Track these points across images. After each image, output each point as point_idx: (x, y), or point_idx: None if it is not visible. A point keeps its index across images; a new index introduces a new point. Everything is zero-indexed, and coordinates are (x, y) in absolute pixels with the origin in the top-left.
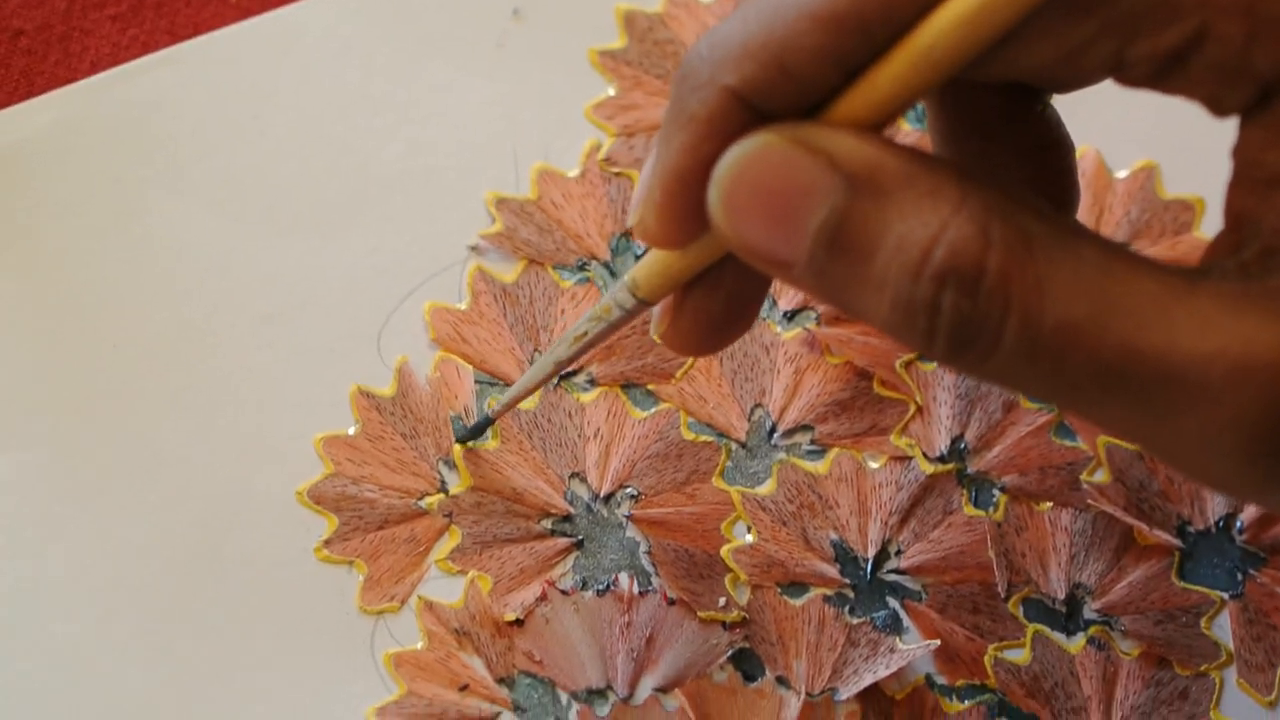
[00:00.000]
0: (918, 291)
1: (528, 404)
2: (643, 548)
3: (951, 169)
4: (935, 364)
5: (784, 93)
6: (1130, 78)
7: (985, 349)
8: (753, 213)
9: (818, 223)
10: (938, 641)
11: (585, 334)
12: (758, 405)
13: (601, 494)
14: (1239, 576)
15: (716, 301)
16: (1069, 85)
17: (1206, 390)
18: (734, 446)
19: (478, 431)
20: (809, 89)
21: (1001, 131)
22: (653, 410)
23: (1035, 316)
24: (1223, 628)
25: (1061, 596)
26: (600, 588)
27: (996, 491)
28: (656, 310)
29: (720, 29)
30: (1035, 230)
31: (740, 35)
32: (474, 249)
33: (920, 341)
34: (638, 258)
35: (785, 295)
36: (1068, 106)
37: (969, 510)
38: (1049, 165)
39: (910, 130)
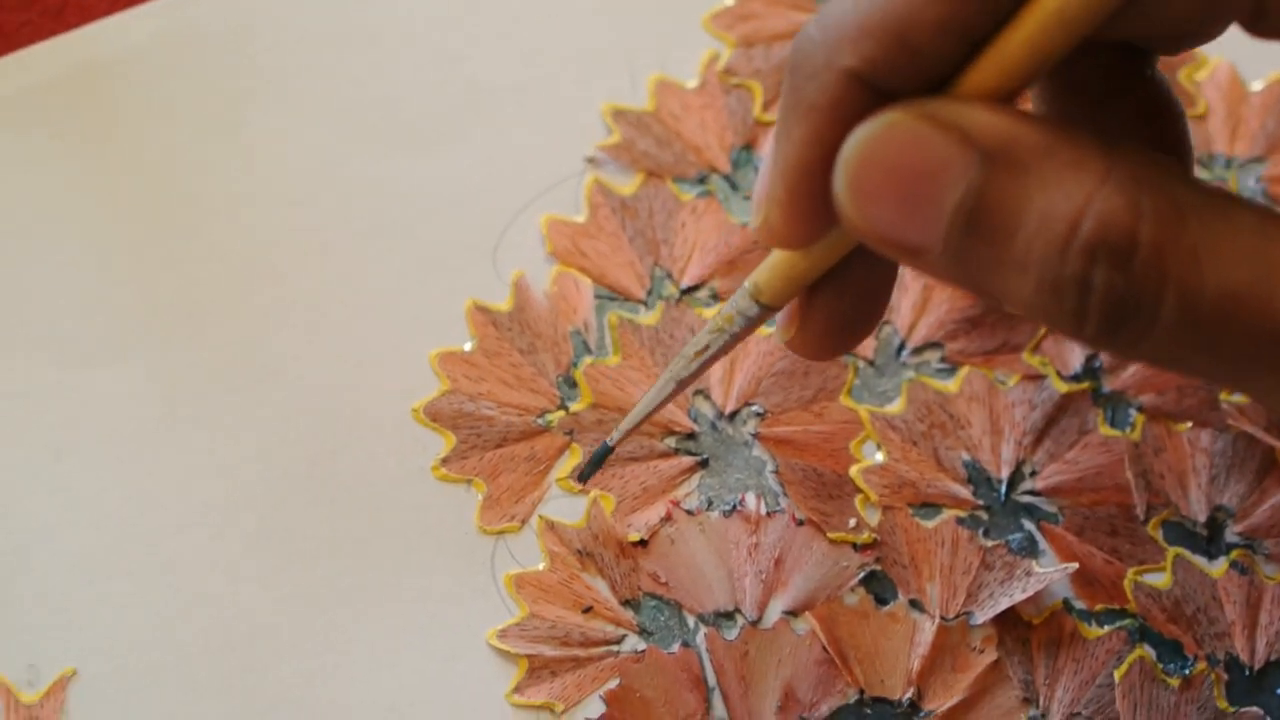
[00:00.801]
0: (1066, 269)
1: (648, 319)
2: (769, 467)
3: (1093, 138)
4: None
5: (907, 70)
6: (1266, 27)
7: (1142, 327)
8: (883, 197)
9: (954, 203)
10: (1075, 565)
11: (707, 347)
12: (885, 322)
13: (726, 412)
14: None
15: (844, 301)
16: (1192, 39)
17: None
18: (861, 364)
19: (597, 463)
20: (933, 64)
21: (1109, 98)
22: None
23: (1194, 288)
24: None
25: (1202, 519)
26: (726, 508)
27: (1133, 411)
28: (781, 316)
29: (830, 9)
30: (1186, 198)
31: (855, 13)
32: (591, 161)
33: (1070, 323)
34: (759, 171)
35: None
36: None
37: (1105, 430)
38: (1160, 131)
39: None
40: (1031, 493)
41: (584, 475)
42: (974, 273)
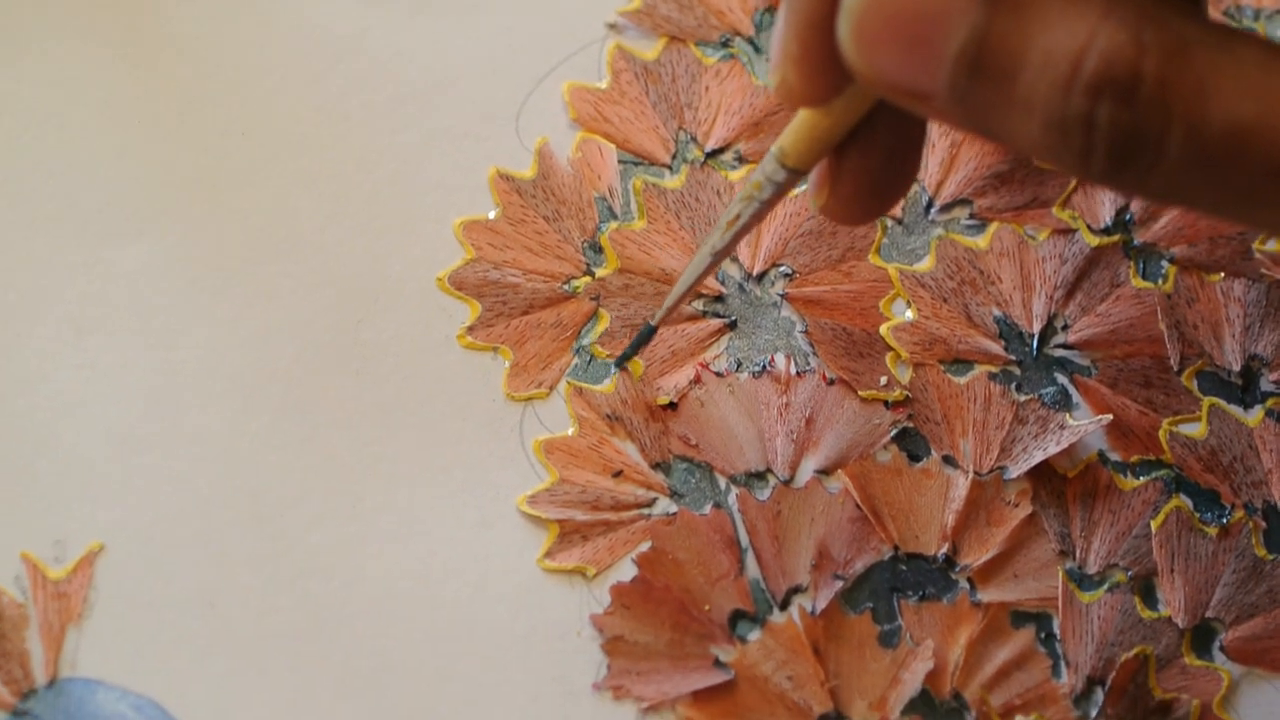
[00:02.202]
0: (1070, 106)
1: (673, 183)
2: (798, 327)
3: None
4: (1092, 185)
5: None
6: None
7: (1149, 162)
8: (887, 42)
9: (957, 45)
10: (1109, 416)
11: (738, 216)
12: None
13: (754, 273)
14: None
15: (874, 160)
16: None
17: None
18: (890, 223)
19: (640, 344)
20: None
21: None
22: (804, 187)
23: (1201, 121)
24: None
25: (1237, 369)
26: (756, 369)
27: (1165, 263)
28: (812, 181)
29: None
30: (1190, 33)
31: None
32: (613, 26)
33: (1076, 162)
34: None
35: None
36: None
37: (1137, 282)
38: None
39: None
40: (1064, 346)
41: (625, 357)
42: (980, 115)
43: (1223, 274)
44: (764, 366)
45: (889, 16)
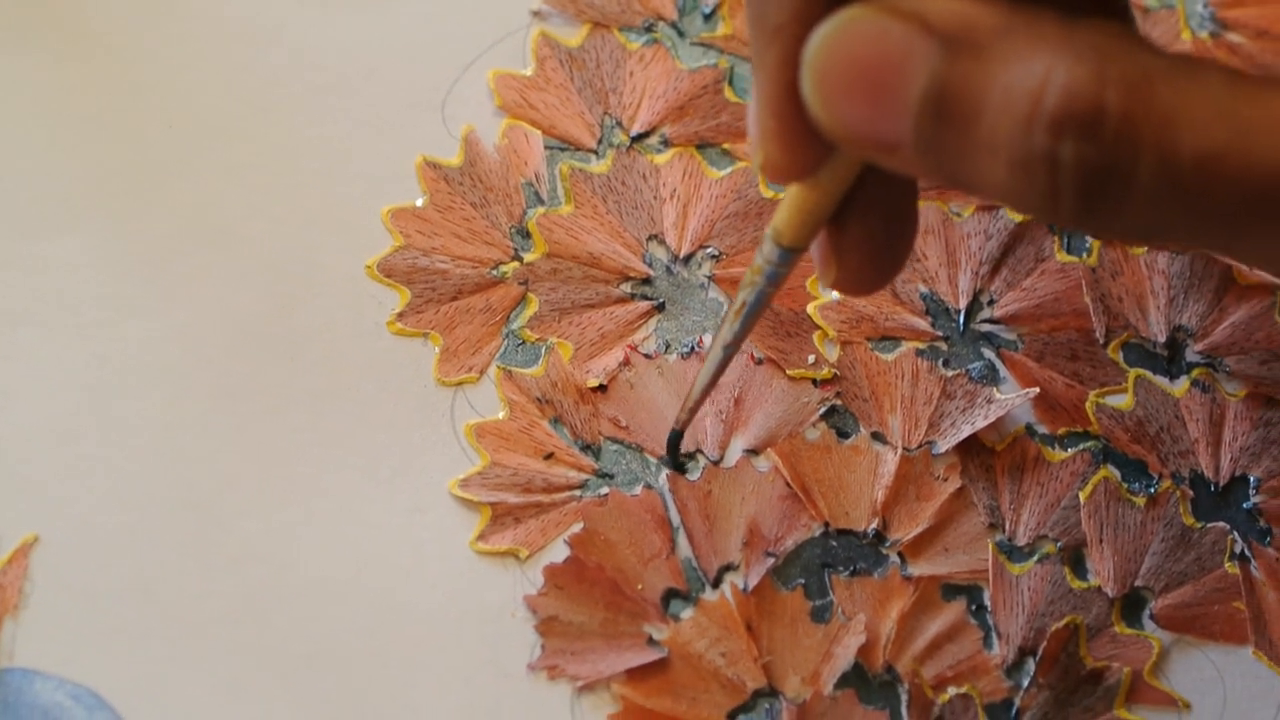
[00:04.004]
0: (1033, 145)
1: (599, 167)
2: (725, 308)
3: (1051, 14)
4: (1066, 229)
5: None
6: None
7: (1118, 197)
8: (850, 93)
9: (919, 92)
10: (1036, 390)
11: (744, 304)
12: None
13: (681, 255)
14: None
15: (872, 225)
16: None
17: None
18: None
19: (674, 448)
20: None
21: None
22: (729, 169)
23: (1171, 151)
24: None
25: (1162, 340)
26: (684, 350)
27: (1088, 236)
28: (817, 260)
29: None
30: (1152, 64)
31: None
32: (536, 14)
33: (1045, 204)
34: (706, 17)
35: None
36: None
37: (1062, 256)
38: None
39: None
40: (990, 321)
41: (669, 463)
42: (947, 163)
43: (1146, 247)
44: (692, 347)
45: (850, 65)
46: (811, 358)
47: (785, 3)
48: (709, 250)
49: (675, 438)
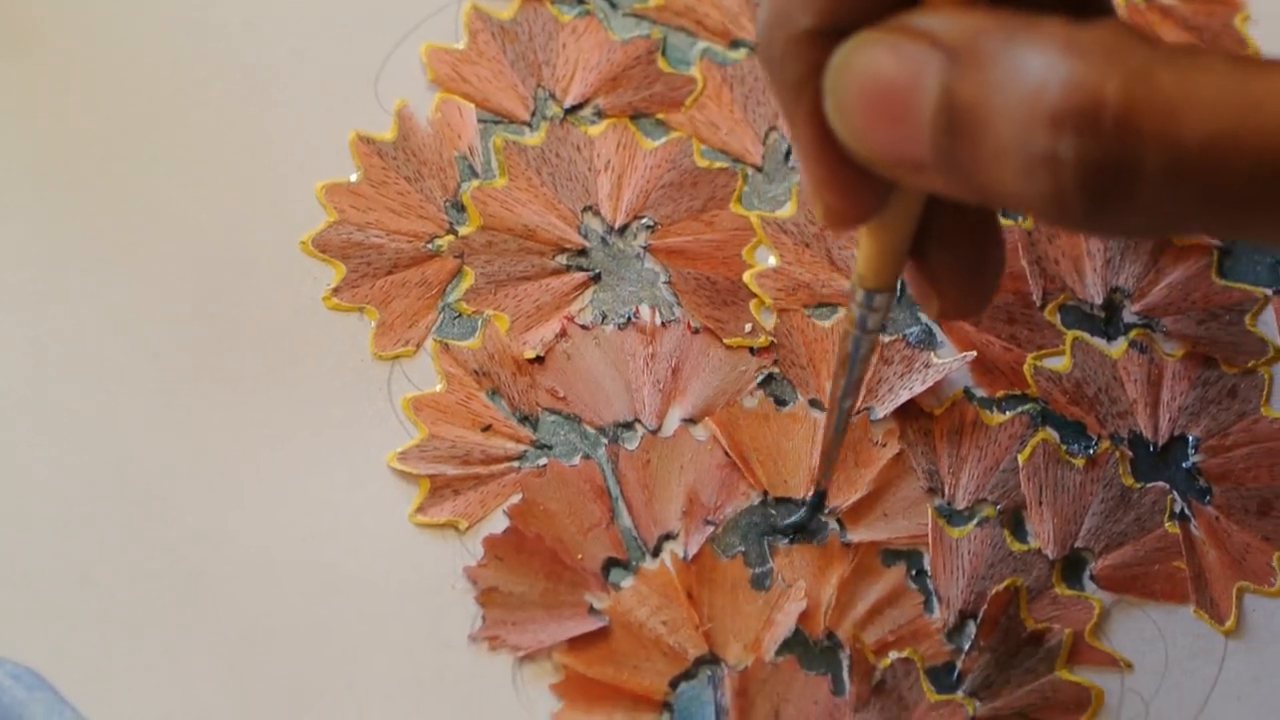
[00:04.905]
0: (1034, 145)
1: (533, 140)
2: (662, 278)
3: (1056, 16)
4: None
5: (865, 5)
6: None
7: (1127, 191)
8: (871, 116)
9: (931, 107)
10: (974, 353)
11: (846, 355)
12: (772, 129)
13: (616, 226)
14: None
15: (959, 247)
16: None
17: None
18: (750, 171)
19: (816, 509)
20: None
21: None
22: (664, 139)
23: (1176, 139)
24: (1268, 324)
25: (1099, 301)
26: (621, 320)
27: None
28: (918, 297)
29: None
30: (1152, 55)
31: None
32: None
33: (1053, 206)
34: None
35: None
36: None
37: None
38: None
39: None
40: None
41: (804, 521)
42: (968, 177)
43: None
44: (629, 318)
45: (865, 90)
46: (748, 326)
47: (798, 56)
48: (644, 221)
49: (819, 498)
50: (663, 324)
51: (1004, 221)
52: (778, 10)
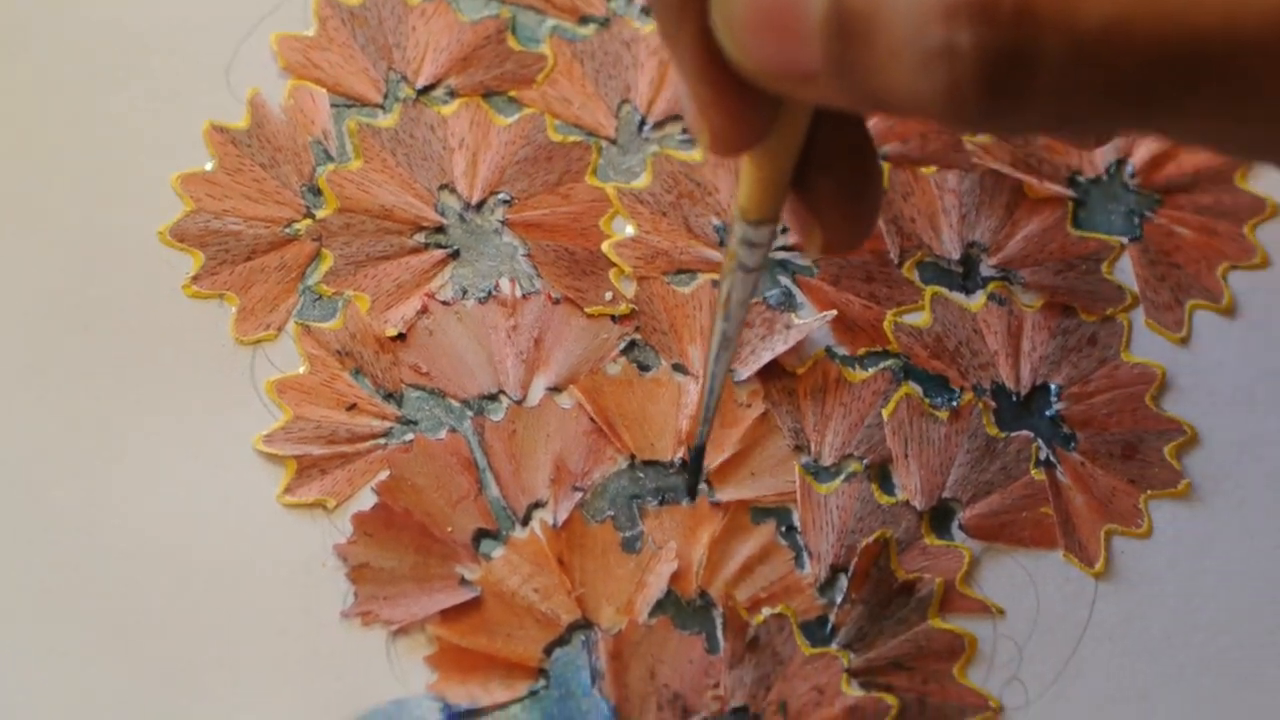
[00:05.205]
0: (930, 39)
1: (387, 122)
2: (521, 251)
3: None
4: (981, 135)
5: None
6: None
7: (1025, 82)
8: (759, 31)
9: (820, 14)
10: (834, 312)
11: (727, 294)
12: (624, 101)
13: (473, 202)
14: (1136, 220)
15: (841, 179)
16: None
17: None
18: (604, 144)
19: (698, 465)
20: None
21: None
22: (517, 116)
23: (1073, 24)
24: (1125, 271)
25: (956, 256)
26: (481, 295)
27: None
28: (797, 231)
29: None
30: None
31: None
32: None
33: (950, 103)
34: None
35: None
36: None
37: None
38: None
39: None
40: (785, 249)
41: (691, 484)
42: (862, 83)
43: (935, 167)
44: (489, 292)
45: (752, 7)
46: (609, 294)
47: None
48: (501, 196)
49: (698, 453)
50: (523, 296)
51: None
52: None
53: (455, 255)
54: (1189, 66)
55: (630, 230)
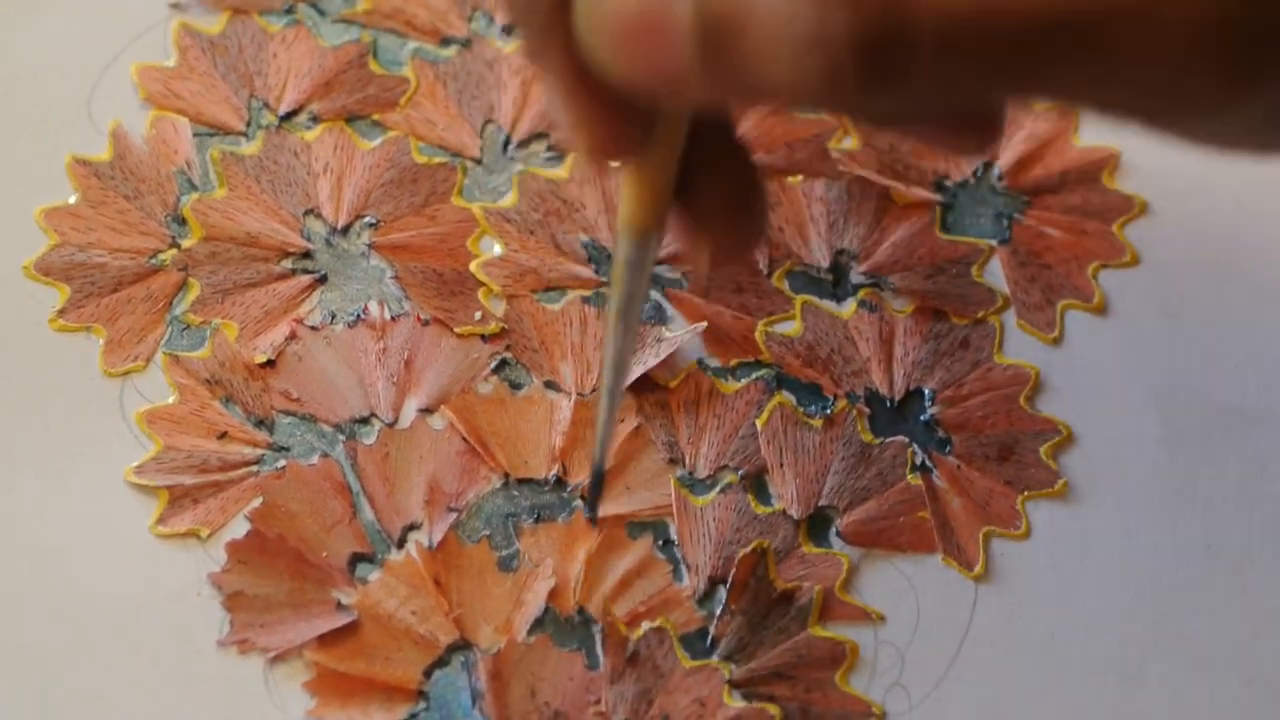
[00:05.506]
0: (801, 27)
1: (250, 149)
2: (389, 274)
3: None
4: (862, 124)
5: None
6: None
7: (901, 60)
8: (627, 40)
9: (688, 19)
10: (704, 324)
11: (618, 310)
12: (489, 121)
13: (339, 226)
14: (1005, 222)
15: (724, 189)
16: None
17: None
18: (469, 164)
19: (597, 488)
20: None
21: None
22: (381, 139)
23: (946, 2)
24: (995, 274)
25: (826, 265)
26: (350, 319)
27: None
28: (683, 246)
29: None
30: None
31: None
32: (175, 6)
33: (830, 88)
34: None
35: (500, 10)
36: None
37: None
38: None
39: None
40: (654, 262)
41: (592, 506)
42: (737, 80)
43: (802, 176)
44: (358, 315)
45: (619, 13)
46: (478, 314)
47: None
48: (367, 219)
49: (598, 477)
50: (392, 318)
51: None
52: None
53: (323, 280)
54: (1060, 37)
55: (498, 249)
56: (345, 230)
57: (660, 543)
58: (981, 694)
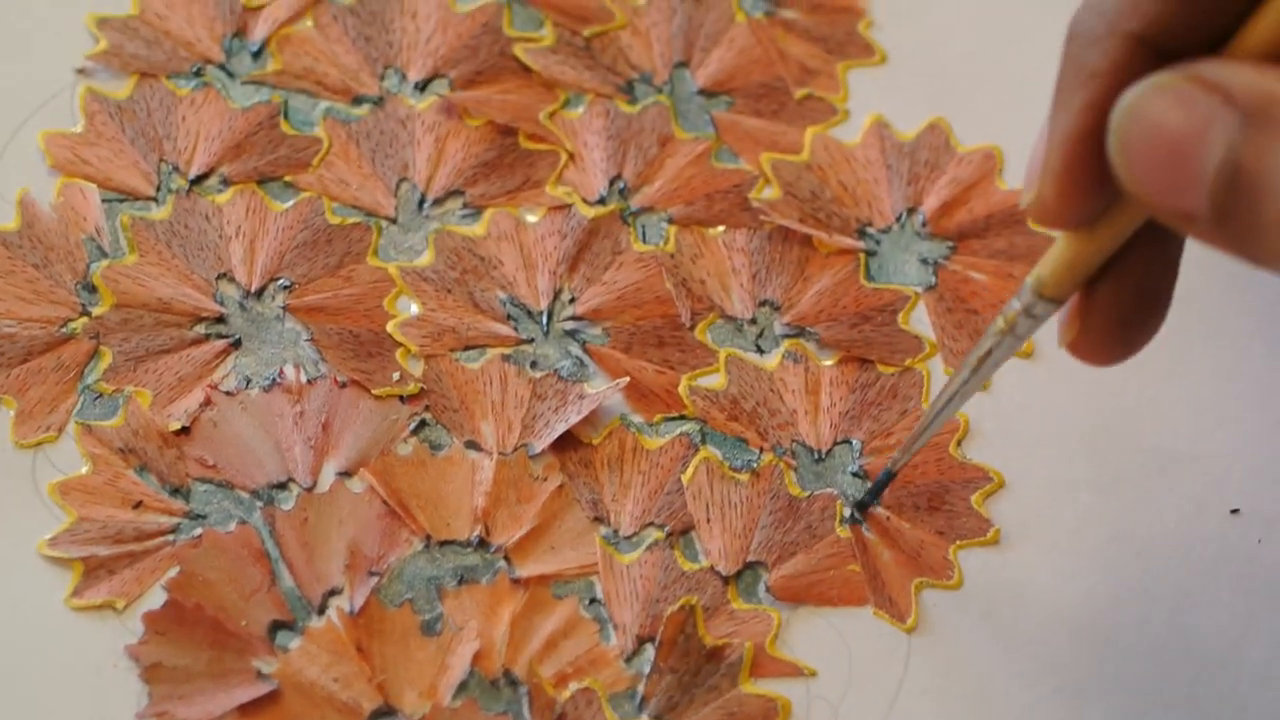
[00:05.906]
0: None
1: (160, 214)
2: (304, 336)
3: None
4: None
5: (1188, 30)
6: None
7: None
8: (1150, 161)
9: (1215, 164)
10: (626, 379)
11: (989, 352)
12: (403, 179)
13: (252, 290)
14: (930, 267)
15: (1126, 292)
16: None
17: None
18: (384, 224)
19: (880, 489)
20: (1214, 20)
21: None
22: (293, 201)
23: None
24: (921, 320)
25: (749, 317)
26: (265, 383)
27: (665, 224)
28: (1061, 317)
29: None
30: None
31: None
32: (81, 71)
33: None
34: (255, 55)
35: (414, 66)
36: None
37: (639, 247)
38: None
39: None
40: (574, 319)
41: (865, 503)
42: (1242, 238)
43: (723, 227)
44: (274, 379)
45: (1152, 132)
46: (396, 375)
47: (1107, 51)
48: (281, 282)
49: (886, 478)
50: (309, 381)
51: (645, 248)
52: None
53: (237, 344)
54: None
55: (415, 309)
56: (259, 293)
57: (587, 602)
58: None
